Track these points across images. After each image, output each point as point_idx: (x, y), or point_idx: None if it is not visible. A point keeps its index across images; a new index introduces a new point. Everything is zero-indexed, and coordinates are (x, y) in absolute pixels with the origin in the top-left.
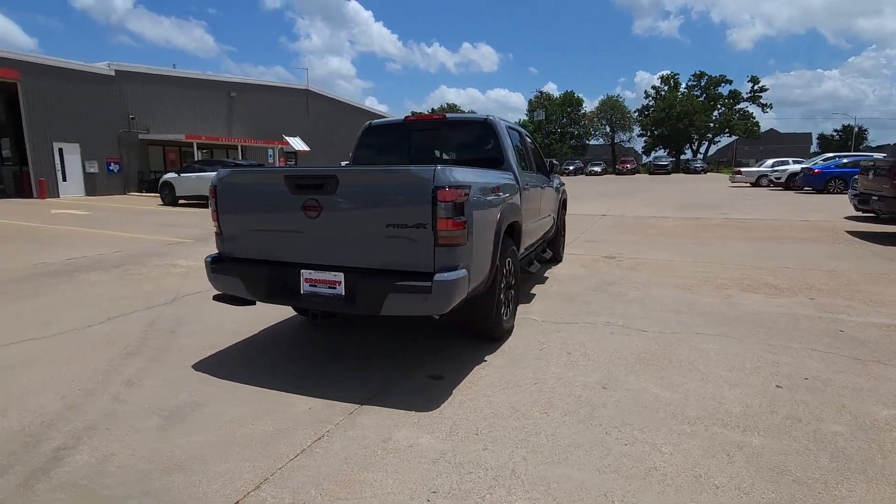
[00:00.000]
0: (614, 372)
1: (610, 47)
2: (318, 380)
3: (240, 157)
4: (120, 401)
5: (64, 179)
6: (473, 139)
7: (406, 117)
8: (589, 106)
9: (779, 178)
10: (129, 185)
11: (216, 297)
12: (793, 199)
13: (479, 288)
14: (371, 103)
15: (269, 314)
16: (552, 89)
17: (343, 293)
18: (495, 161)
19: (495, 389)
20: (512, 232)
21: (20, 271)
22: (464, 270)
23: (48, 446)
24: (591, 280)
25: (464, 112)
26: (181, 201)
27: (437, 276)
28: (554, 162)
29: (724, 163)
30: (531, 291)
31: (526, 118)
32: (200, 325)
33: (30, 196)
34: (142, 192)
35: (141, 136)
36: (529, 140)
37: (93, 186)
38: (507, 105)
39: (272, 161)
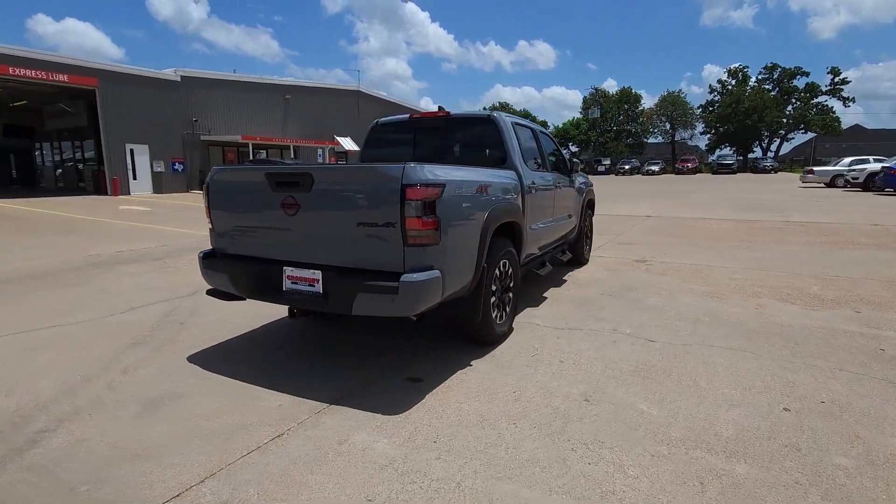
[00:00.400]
0: (604, 384)
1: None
2: (298, 377)
3: (292, 157)
4: (111, 388)
5: (134, 178)
6: (477, 137)
7: (411, 115)
8: (648, 102)
9: (856, 179)
10: (191, 183)
11: (208, 292)
12: (869, 202)
13: (461, 290)
14: (426, 103)
15: (275, 310)
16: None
17: (321, 291)
18: (499, 159)
19: (470, 396)
20: (511, 233)
21: (73, 262)
22: (436, 272)
23: (32, 428)
24: (612, 284)
25: (516, 112)
26: None
27: (405, 277)
28: (575, 160)
29: (799, 161)
30: (543, 295)
31: (580, 116)
32: (210, 317)
33: (105, 193)
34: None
35: (203, 137)
36: (546, 138)
37: (159, 184)
38: (563, 103)
39: (321, 160)
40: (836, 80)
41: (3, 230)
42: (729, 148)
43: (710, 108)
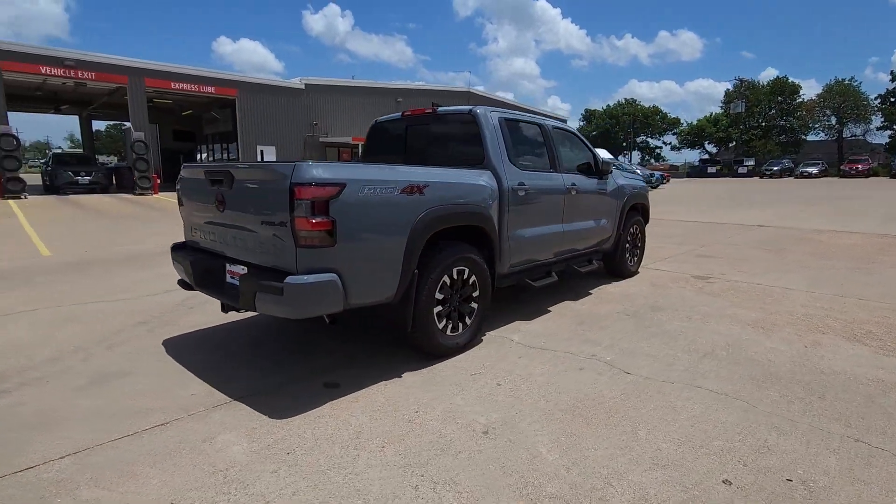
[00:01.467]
0: (522, 416)
1: (857, 21)
2: (237, 369)
3: None
4: (84, 361)
5: None
6: (459, 134)
7: (403, 112)
8: (809, 94)
9: None
10: None
11: (178, 282)
12: None
13: (382, 297)
14: (553, 102)
15: None
16: (769, 76)
17: (238, 287)
18: (477, 158)
19: (368, 409)
20: (477, 238)
21: (166, 246)
22: (331, 275)
23: None
24: (640, 302)
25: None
26: None
27: (290, 279)
28: (605, 160)
29: None
30: (549, 308)
31: (720, 111)
32: (216, 304)
33: None
34: None
35: (321, 139)
36: (566, 136)
37: None
38: (709, 97)
39: None
40: None
41: (147, 218)
42: None
43: (892, 99)
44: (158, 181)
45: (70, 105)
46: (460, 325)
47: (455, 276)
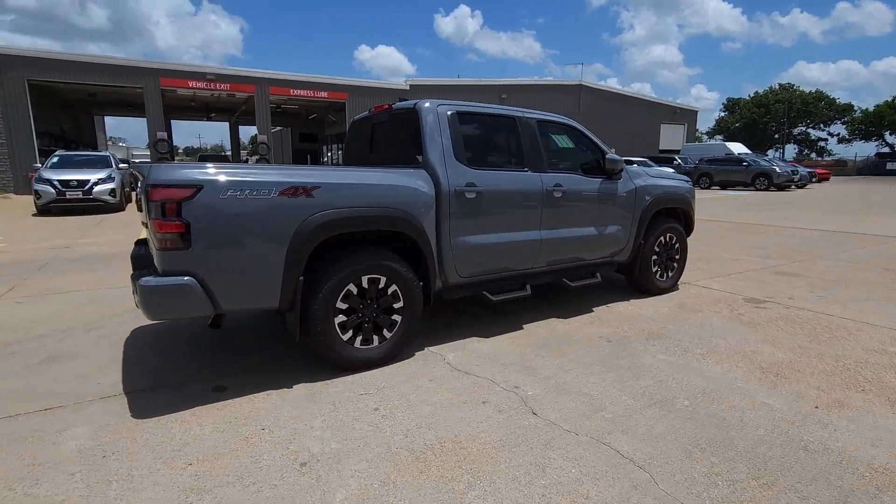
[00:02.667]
0: (359, 452)
1: None
2: (166, 362)
3: None
4: (59, 341)
5: None
6: (405, 130)
7: (370, 109)
8: None
9: None
10: None
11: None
12: None
13: (264, 303)
14: (698, 92)
15: None
16: None
17: None
18: (417, 156)
19: (221, 420)
20: (399, 243)
21: None
22: (186, 279)
23: None
24: (641, 327)
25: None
26: None
27: (142, 280)
28: (611, 157)
29: None
30: (523, 325)
31: None
32: None
33: None
34: None
35: None
36: (548, 131)
37: None
38: None
39: None
40: None
41: None
42: None
43: None
44: None
45: (218, 113)
46: (375, 338)
47: (367, 285)
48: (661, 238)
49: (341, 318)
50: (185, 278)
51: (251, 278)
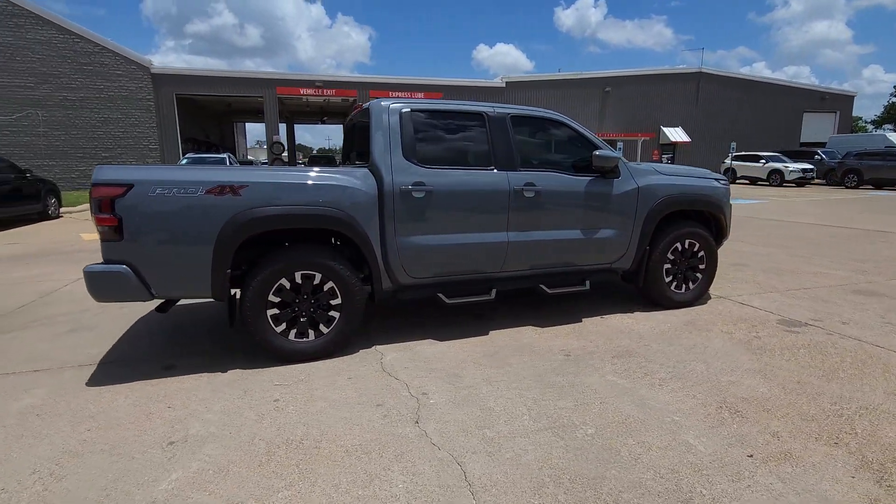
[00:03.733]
0: (217, 439)
1: None
2: (153, 338)
3: None
4: (95, 315)
5: None
6: (364, 130)
7: (354, 108)
8: None
9: None
10: None
11: None
12: None
13: (196, 293)
14: (873, 73)
15: None
16: None
17: None
18: (367, 154)
19: (136, 393)
20: (339, 241)
21: None
22: (121, 267)
23: None
24: (620, 343)
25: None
26: None
27: (86, 267)
28: (600, 154)
29: None
30: (490, 331)
31: None
32: None
33: None
34: None
35: None
36: (525, 126)
37: None
38: None
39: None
40: None
41: None
42: None
43: None
44: None
45: (330, 116)
46: (312, 332)
47: (300, 281)
48: (678, 244)
49: (274, 310)
50: (121, 267)
51: (182, 269)
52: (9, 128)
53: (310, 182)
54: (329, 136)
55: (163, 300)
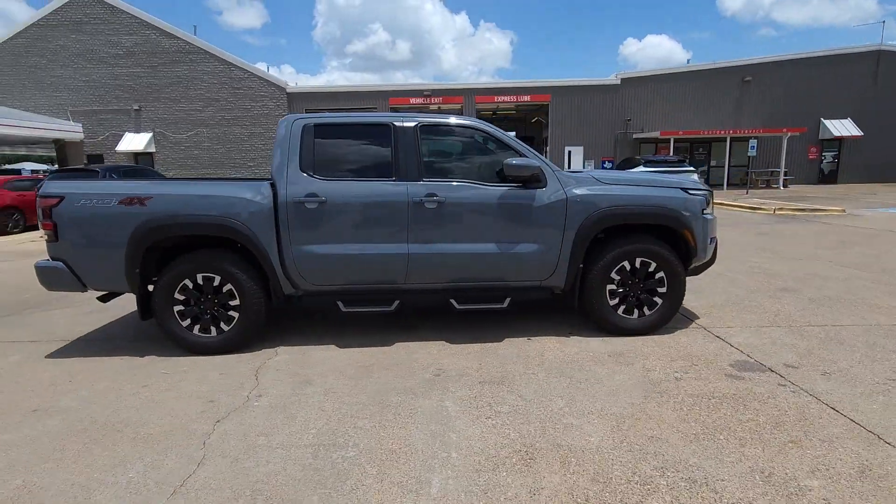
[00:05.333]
0: (68, 412)
1: None
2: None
3: (730, 151)
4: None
5: None
6: None
7: None
8: None
9: None
10: None
11: None
12: None
13: (117, 287)
14: None
15: None
16: None
17: None
18: None
19: (71, 367)
20: (235, 247)
21: None
22: (58, 263)
23: None
24: (509, 368)
25: None
26: None
27: (37, 262)
28: (511, 163)
29: None
30: (398, 342)
31: None
32: None
33: None
34: None
35: (635, 135)
36: (436, 135)
37: None
38: None
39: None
40: None
41: None
42: None
43: None
44: None
45: None
46: (213, 329)
47: (201, 282)
48: (626, 263)
49: (180, 307)
50: (58, 263)
51: (102, 267)
52: (184, 143)
53: (208, 194)
54: None
55: (104, 293)
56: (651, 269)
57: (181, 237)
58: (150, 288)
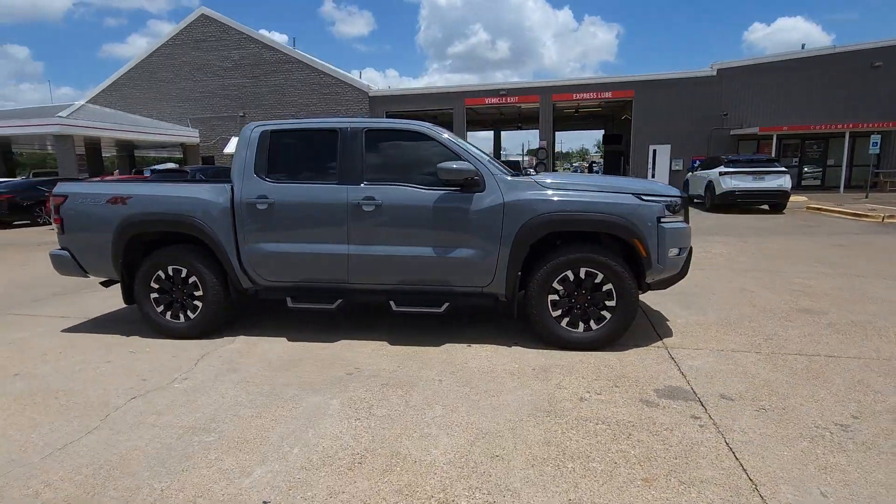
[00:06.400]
0: (29, 379)
1: None
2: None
3: (850, 148)
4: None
5: (653, 177)
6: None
7: None
8: None
9: None
10: None
11: None
12: None
13: (109, 276)
14: None
15: None
16: None
17: None
18: None
19: (66, 340)
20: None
21: None
22: (64, 252)
23: None
24: (407, 374)
25: None
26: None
27: (51, 250)
28: (442, 167)
29: None
30: (342, 341)
31: None
32: None
33: None
34: None
35: (733, 131)
36: (382, 140)
37: (675, 184)
38: None
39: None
40: None
41: None
42: None
43: None
44: None
45: (524, 122)
46: (182, 315)
47: (172, 274)
48: (569, 273)
49: (155, 294)
50: (64, 252)
51: (96, 256)
52: None
53: (175, 195)
54: (528, 140)
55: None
56: (598, 281)
57: (154, 233)
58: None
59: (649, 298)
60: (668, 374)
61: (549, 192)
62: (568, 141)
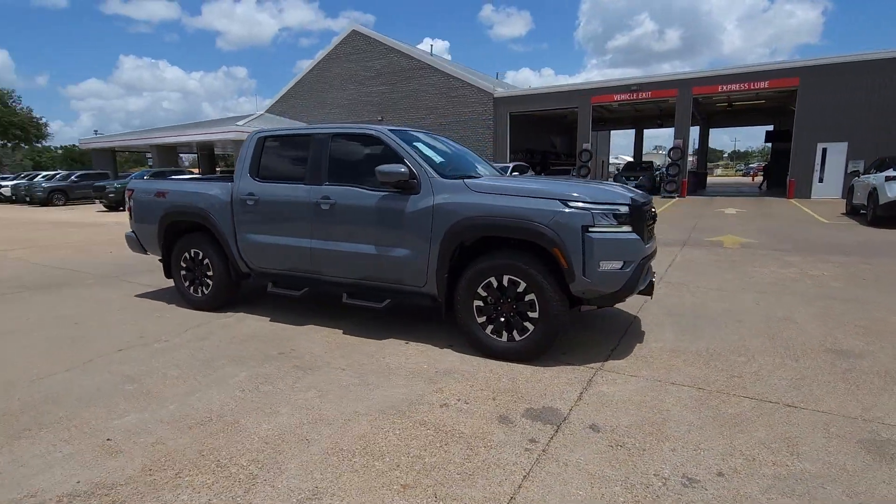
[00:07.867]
0: (15, 336)
1: None
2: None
3: None
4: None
5: (820, 180)
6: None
7: None
8: None
9: None
10: None
11: None
12: None
13: (158, 255)
14: None
15: None
16: None
17: None
18: None
19: (122, 292)
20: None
21: None
22: (132, 233)
23: None
24: (308, 360)
25: None
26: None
27: (127, 231)
28: (379, 169)
29: None
30: (311, 325)
31: None
32: None
33: (783, 196)
34: None
35: None
36: (347, 145)
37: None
38: None
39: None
40: None
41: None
42: None
43: None
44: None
45: (663, 119)
46: (201, 290)
47: (193, 255)
48: (492, 279)
49: (183, 272)
50: (132, 233)
51: (150, 241)
52: None
53: (193, 191)
54: (692, 139)
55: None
56: (521, 290)
57: (184, 222)
58: None
59: (647, 318)
60: (562, 397)
61: (476, 194)
62: (745, 139)
